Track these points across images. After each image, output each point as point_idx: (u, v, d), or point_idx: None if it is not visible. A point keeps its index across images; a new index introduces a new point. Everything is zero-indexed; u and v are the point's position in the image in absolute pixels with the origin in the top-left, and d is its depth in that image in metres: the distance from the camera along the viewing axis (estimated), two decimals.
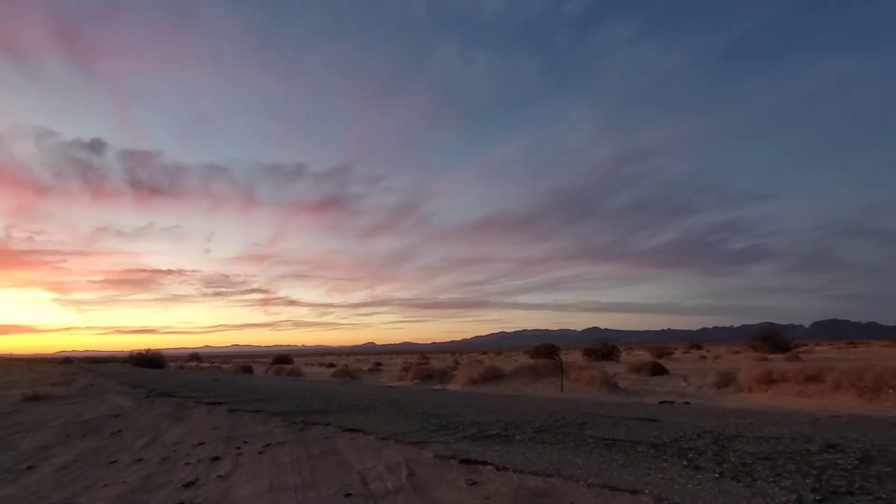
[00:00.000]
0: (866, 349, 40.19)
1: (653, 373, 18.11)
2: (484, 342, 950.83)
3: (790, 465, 4.06)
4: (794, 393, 10.06)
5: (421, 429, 6.54)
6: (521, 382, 14.51)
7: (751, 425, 6.07)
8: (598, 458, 4.58)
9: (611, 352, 32.65)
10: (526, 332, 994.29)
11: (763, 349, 33.62)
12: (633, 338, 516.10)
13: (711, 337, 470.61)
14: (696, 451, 4.67)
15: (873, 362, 11.84)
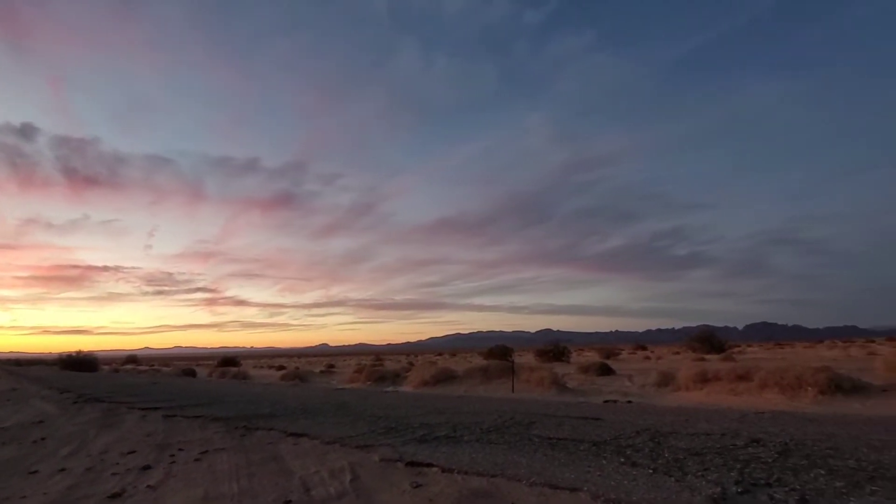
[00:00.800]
0: (791, 350, 43.48)
1: (600, 373, 18.76)
2: (439, 343, 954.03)
3: (718, 460, 4.30)
4: (726, 391, 10.70)
5: (369, 432, 6.44)
6: (473, 383, 14.63)
7: (685, 422, 6.40)
8: (541, 457, 4.67)
9: (562, 353, 33.56)
10: (480, 333, 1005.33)
11: (701, 350, 35.63)
12: (583, 339, 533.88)
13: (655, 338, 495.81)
14: (634, 448, 4.86)
15: (795, 362, 12.81)
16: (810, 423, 6.10)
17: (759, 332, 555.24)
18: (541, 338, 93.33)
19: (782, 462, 4.14)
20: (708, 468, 4.04)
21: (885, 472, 3.72)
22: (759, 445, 4.80)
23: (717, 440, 5.14)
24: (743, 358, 26.94)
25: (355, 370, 22.71)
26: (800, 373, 9.76)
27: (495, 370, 14.67)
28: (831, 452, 4.40)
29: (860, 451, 4.39)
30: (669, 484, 3.65)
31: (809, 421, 6.36)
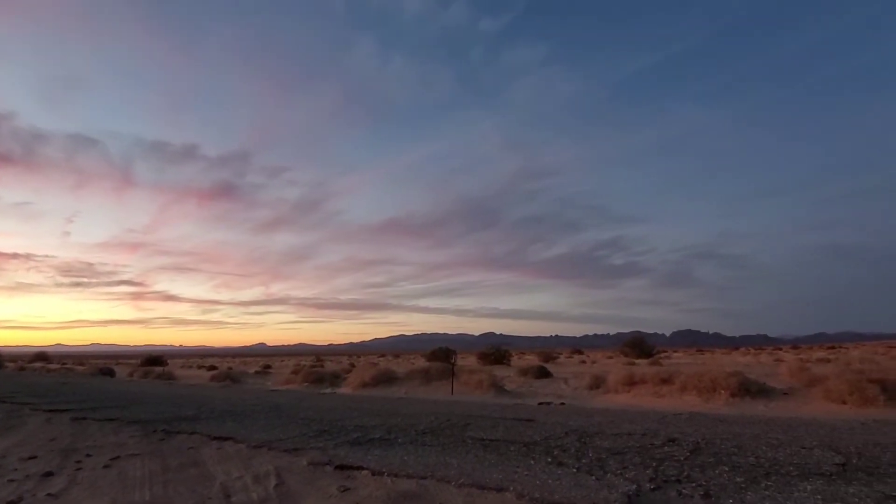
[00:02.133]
0: (710, 356, 46.98)
1: (538, 376, 19.34)
2: (383, 344, 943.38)
3: (636, 459, 4.55)
4: (650, 394, 11.37)
5: (300, 435, 6.25)
6: (413, 385, 14.60)
7: (611, 423, 6.72)
8: (473, 458, 4.74)
9: (503, 356, 34.25)
10: (425, 335, 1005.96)
11: (632, 355, 37.69)
12: (525, 343, 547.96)
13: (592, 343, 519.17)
14: (562, 449, 5.04)
15: (712, 367, 13.83)
16: (720, 424, 6.60)
17: (684, 338, 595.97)
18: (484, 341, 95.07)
19: (693, 460, 4.45)
20: (627, 466, 4.27)
21: (779, 469, 4.09)
22: (675, 444, 5.13)
23: (638, 440, 5.44)
24: (668, 363, 28.74)
25: (293, 371, 21.99)
26: (715, 377, 10.54)
27: (436, 372, 14.72)
28: (735, 450, 4.78)
29: (760, 449, 4.80)
30: (590, 482, 3.81)
31: (720, 421, 6.88)
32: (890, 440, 5.11)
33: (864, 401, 8.33)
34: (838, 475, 3.84)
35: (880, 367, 10.64)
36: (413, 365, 22.80)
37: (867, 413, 7.80)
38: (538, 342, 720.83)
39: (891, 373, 9.05)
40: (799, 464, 4.21)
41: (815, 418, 7.35)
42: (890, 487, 3.48)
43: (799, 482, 3.68)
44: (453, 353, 35.87)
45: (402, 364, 34.10)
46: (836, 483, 3.64)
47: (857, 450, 4.66)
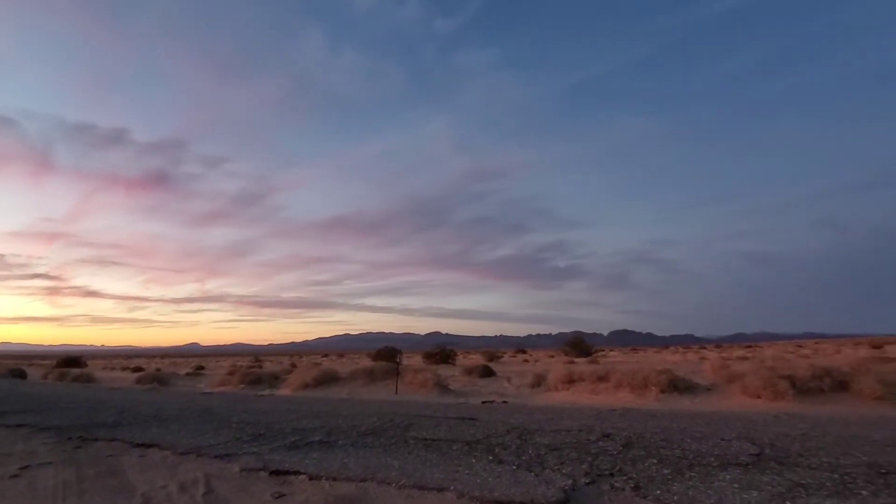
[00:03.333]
0: (644, 355, 49.76)
1: (482, 375, 19.60)
2: (326, 344, 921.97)
3: (573, 454, 4.69)
4: (588, 391, 11.82)
5: (233, 440, 5.93)
6: (356, 385, 14.31)
7: (550, 420, 6.90)
8: (415, 459, 4.69)
9: (448, 355, 34.48)
10: (370, 334, 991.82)
11: (572, 354, 39.20)
12: (470, 342, 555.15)
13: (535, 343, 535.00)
14: (503, 446, 5.11)
15: (645, 365, 14.60)
16: (651, 419, 6.96)
17: (620, 338, 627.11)
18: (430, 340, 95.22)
19: (625, 454, 4.65)
20: (564, 462, 4.38)
21: (701, 460, 4.36)
22: (609, 439, 5.34)
23: (575, 436, 5.61)
24: (605, 361, 30.10)
25: (228, 372, 20.92)
26: (647, 375, 11.12)
27: (381, 372, 14.53)
28: (664, 444, 5.05)
29: (685, 442, 5.10)
30: (529, 479, 3.88)
31: (651, 416, 7.26)
32: (798, 432, 5.60)
33: (776, 395, 9.10)
34: (753, 465, 4.14)
35: (790, 365, 11.66)
36: (357, 365, 22.39)
37: (779, 406, 8.52)
38: (483, 342, 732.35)
39: (799, 370, 9.95)
40: (719, 455, 4.50)
41: (734, 412, 7.94)
42: (798, 475, 3.79)
43: (719, 472, 3.94)
44: (399, 352, 35.69)
45: (346, 364, 33.44)
46: (751, 472, 3.92)
47: (770, 441, 5.06)
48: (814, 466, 4.01)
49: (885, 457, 4.23)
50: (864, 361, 13.78)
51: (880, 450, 4.50)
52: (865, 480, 3.59)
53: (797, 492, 3.40)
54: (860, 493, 3.33)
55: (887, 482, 3.54)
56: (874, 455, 4.30)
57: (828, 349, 41.45)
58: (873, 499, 3.23)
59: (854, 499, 3.24)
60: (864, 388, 8.68)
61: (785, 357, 24.97)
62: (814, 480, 3.63)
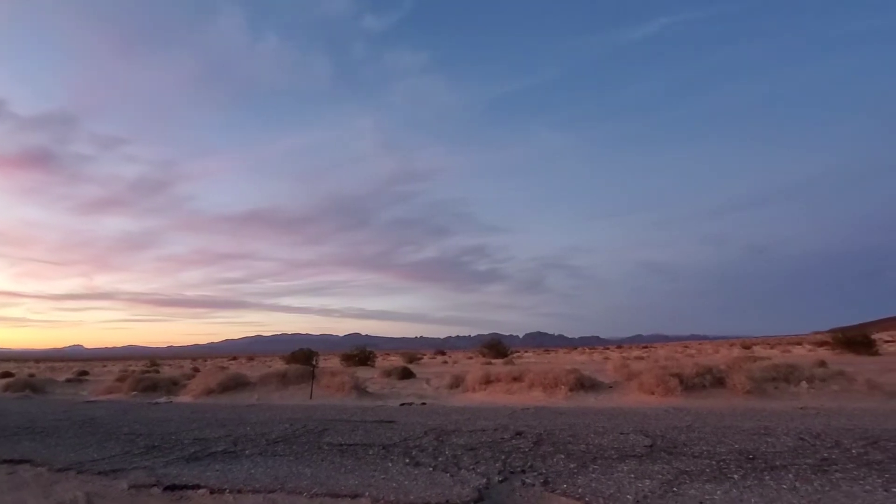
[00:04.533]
0: (555, 356, 52.65)
1: (401, 377, 19.51)
2: (236, 346, 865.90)
3: (488, 453, 4.81)
4: (503, 391, 12.24)
5: (121, 453, 5.34)
6: (268, 390, 13.55)
7: (467, 420, 7.04)
8: (329, 465, 4.53)
9: (367, 357, 33.88)
10: (285, 336, 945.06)
11: (489, 355, 40.38)
12: (390, 344, 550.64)
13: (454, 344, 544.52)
14: (420, 449, 5.11)
15: (555, 365, 15.44)
16: (560, 416, 7.36)
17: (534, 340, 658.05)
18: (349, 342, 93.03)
19: (536, 450, 4.86)
20: (479, 461, 4.49)
21: (603, 453, 4.68)
22: (521, 437, 5.56)
23: (490, 435, 5.77)
24: (520, 362, 31.40)
25: (118, 378, 18.82)
26: (557, 374, 11.77)
27: (294, 375, 13.89)
28: (571, 439, 5.35)
29: (589, 437, 5.45)
30: (445, 480, 3.92)
31: (560, 414, 7.67)
32: (684, 424, 6.22)
33: (667, 391, 10.06)
34: (647, 455, 4.53)
35: (679, 364, 12.98)
36: (269, 368, 21.24)
37: (669, 402, 9.43)
38: (403, 343, 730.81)
39: (686, 368, 11.09)
40: (618, 448, 4.87)
41: (632, 408, 8.65)
42: (683, 464, 4.21)
43: (618, 464, 4.26)
44: (315, 354, 34.42)
45: (256, 368, 31.61)
46: (645, 462, 4.29)
47: (661, 433, 5.57)
48: (696, 455, 4.48)
49: (753, 444, 4.84)
50: (737, 360, 15.68)
51: (749, 438, 5.14)
52: (737, 465, 4.08)
53: (682, 478, 3.77)
54: (732, 477, 3.77)
55: (754, 466, 4.04)
56: (744, 443, 4.90)
57: (709, 349, 46.84)
58: (742, 481, 3.67)
59: (728, 482, 3.66)
60: (736, 383, 9.88)
61: (675, 357, 27.81)
62: (696, 467, 4.05)
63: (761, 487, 3.51)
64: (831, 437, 5.00)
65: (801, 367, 11.03)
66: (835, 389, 9.73)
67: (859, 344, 26.26)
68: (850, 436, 5.06)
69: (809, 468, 3.92)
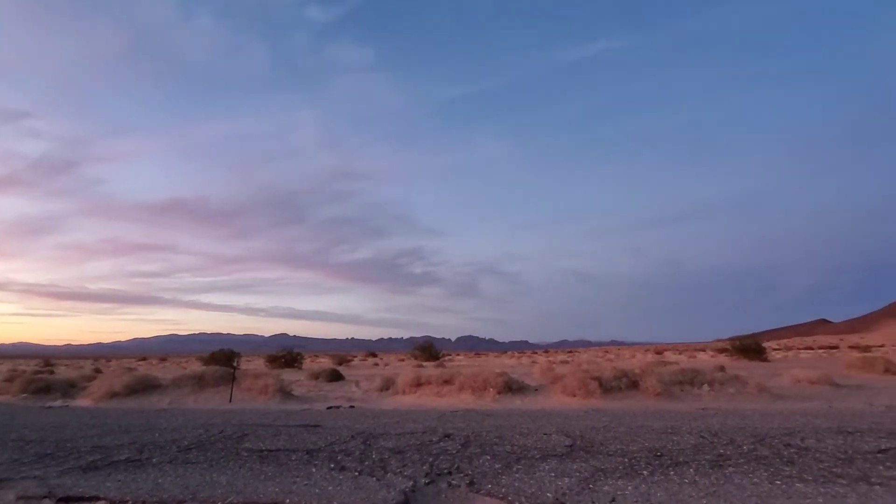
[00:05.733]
0: (486, 359, 53.76)
1: (330, 379, 18.97)
2: (146, 346, 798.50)
3: (415, 456, 4.80)
4: (433, 394, 12.29)
5: (9, 461, 4.74)
6: (181, 394, 12.60)
7: (396, 423, 6.99)
8: (247, 472, 4.30)
9: (294, 359, 32.61)
10: (204, 335, 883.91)
11: (421, 358, 40.45)
12: (320, 346, 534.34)
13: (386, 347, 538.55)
14: (346, 453, 4.99)
15: (485, 368, 15.77)
16: (488, 418, 7.52)
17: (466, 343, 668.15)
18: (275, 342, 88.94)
19: (463, 452, 4.93)
20: (406, 464, 4.46)
21: (527, 453, 4.84)
22: (449, 439, 5.61)
23: (419, 438, 5.77)
24: (451, 365, 31.73)
25: (6, 378, 16.70)
26: (486, 377, 12.02)
27: (212, 378, 13.04)
28: (497, 441, 5.49)
29: (514, 438, 5.62)
30: (371, 484, 3.85)
31: (488, 416, 7.84)
32: (602, 424, 6.60)
33: (587, 394, 10.62)
34: (567, 455, 4.75)
35: (599, 367, 13.78)
36: (184, 370, 19.80)
37: (589, 403, 9.95)
38: (334, 345, 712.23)
39: (605, 372, 11.78)
40: (541, 448, 5.06)
41: (555, 409, 9.04)
42: (600, 462, 4.45)
43: (540, 463, 4.42)
44: (236, 355, 32.59)
45: (169, 369, 29.40)
46: (565, 461, 4.49)
47: (581, 433, 5.87)
48: (611, 453, 4.76)
49: (661, 442, 5.23)
50: (650, 365, 16.91)
51: (657, 437, 5.55)
52: (646, 462, 4.38)
53: (598, 476, 3.99)
54: (642, 473, 4.05)
55: (661, 462, 4.37)
56: (653, 441, 5.29)
57: (626, 355, 50.12)
58: (651, 477, 3.95)
59: (638, 478, 3.92)
60: (648, 386, 10.64)
61: (596, 361, 29.48)
62: (610, 465, 4.31)
63: (667, 482, 3.80)
64: (727, 436, 5.53)
65: (704, 371, 12.11)
66: (731, 392, 10.78)
67: (752, 351, 29.30)
68: (742, 434, 5.62)
69: (707, 463, 4.30)
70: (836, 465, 4.15)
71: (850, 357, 20.79)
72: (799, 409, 8.40)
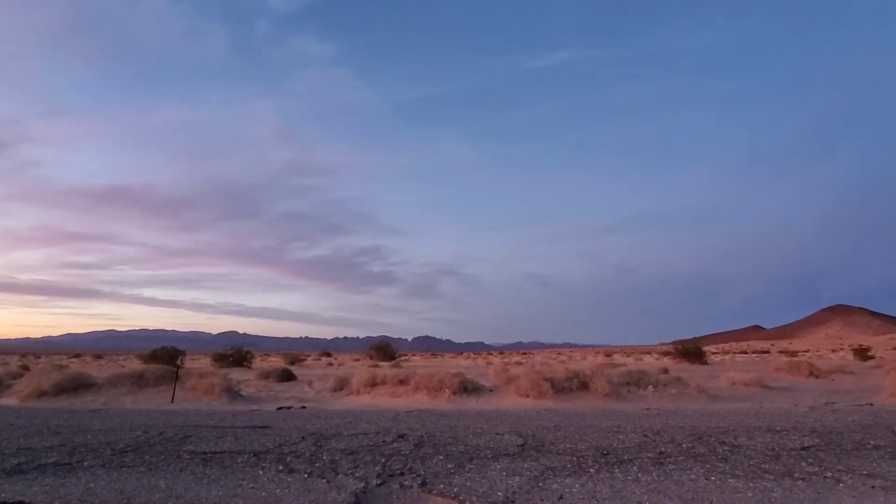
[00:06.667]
0: (442, 360, 53.93)
1: (281, 379, 18.41)
2: (80, 341, 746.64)
3: (368, 457, 4.74)
4: (388, 394, 12.20)
5: None
6: (118, 393, 11.86)
7: (349, 424, 6.88)
8: (188, 476, 4.10)
9: (244, 358, 31.43)
10: (145, 331, 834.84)
11: (377, 357, 40.06)
12: (272, 344, 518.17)
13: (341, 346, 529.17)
14: (296, 454, 4.86)
15: (441, 369, 15.82)
16: (443, 418, 7.54)
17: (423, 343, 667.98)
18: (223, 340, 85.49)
19: (416, 452, 4.92)
20: (358, 465, 4.40)
21: (479, 453, 4.89)
22: (403, 440, 5.58)
23: (372, 438, 5.70)
24: (407, 365, 31.60)
25: None
26: (442, 378, 12.07)
27: (153, 377, 12.36)
28: (451, 441, 5.51)
29: (468, 438, 5.66)
30: (321, 486, 3.77)
31: (442, 416, 7.86)
32: (553, 424, 6.76)
33: (540, 394, 10.87)
34: (518, 454, 4.84)
35: (552, 369, 14.15)
36: (122, 368, 18.65)
37: (542, 404, 10.18)
38: (287, 343, 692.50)
39: (557, 373, 12.11)
40: (494, 447, 5.13)
41: (509, 409, 9.19)
42: (549, 460, 4.56)
43: (492, 463, 4.48)
44: (181, 353, 31.05)
45: (106, 367, 27.66)
46: (516, 460, 4.57)
47: (532, 433, 5.99)
48: (560, 452, 4.89)
49: (608, 441, 5.43)
50: (600, 366, 17.49)
51: (604, 435, 5.75)
52: (594, 460, 4.53)
53: (547, 474, 4.09)
54: (589, 471, 4.18)
55: (607, 460, 4.53)
56: (600, 440, 5.48)
57: (578, 357, 51.73)
58: (597, 474, 4.09)
59: (585, 476, 4.05)
60: (598, 387, 11.03)
61: (549, 363, 30.24)
62: (559, 464, 4.42)
63: (611, 479, 3.95)
64: (668, 434, 5.80)
65: (649, 373, 12.69)
66: (673, 393, 11.35)
67: (694, 355, 30.99)
68: (682, 432, 5.92)
69: (650, 461, 4.50)
70: (764, 462, 4.45)
71: (780, 361, 22.41)
72: (733, 409, 8.95)
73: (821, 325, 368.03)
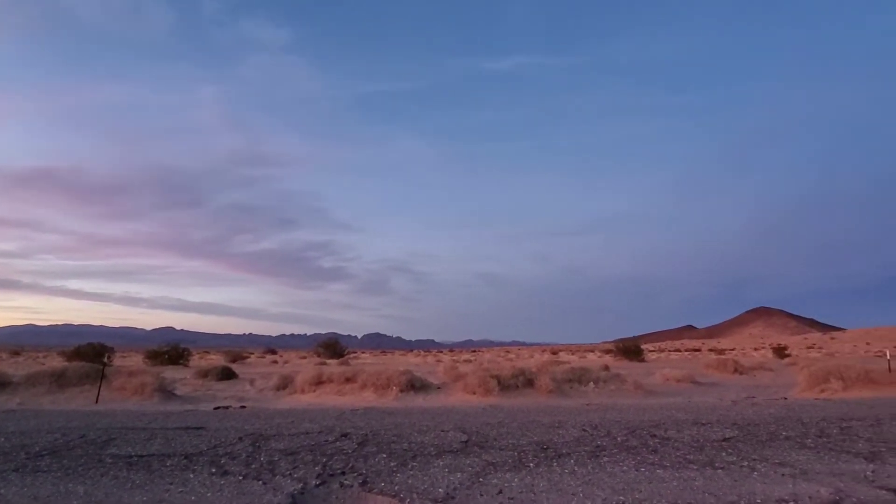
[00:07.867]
0: (391, 357, 53.60)
1: (221, 377, 17.58)
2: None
3: (308, 457, 4.62)
4: (334, 392, 11.96)
5: None
6: (36, 393, 10.88)
7: (291, 423, 6.68)
8: (110, 481, 3.83)
9: (180, 355, 29.75)
10: (69, 326, 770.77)
11: (325, 355, 39.16)
12: (212, 341, 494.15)
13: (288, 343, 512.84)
14: (231, 456, 4.66)
15: (390, 367, 15.71)
16: (388, 416, 7.48)
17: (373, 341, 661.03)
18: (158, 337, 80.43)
19: (359, 451, 4.85)
20: (297, 466, 4.28)
21: (423, 450, 4.90)
22: (346, 439, 5.49)
23: (314, 438, 5.57)
24: (355, 363, 31.14)
25: None
26: (390, 375, 11.98)
27: (76, 375, 11.45)
28: (395, 439, 5.48)
29: (412, 436, 5.65)
30: (256, 488, 3.64)
31: (388, 414, 7.80)
32: (497, 420, 6.88)
33: (486, 391, 11.04)
34: (462, 450, 4.88)
35: (499, 367, 14.42)
36: (42, 366, 17.15)
37: (488, 401, 10.35)
38: (227, 340, 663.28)
39: (504, 370, 12.35)
40: (438, 444, 5.15)
41: (455, 406, 9.27)
42: (492, 456, 4.64)
43: (436, 459, 4.50)
44: (108, 350, 28.97)
45: (24, 364, 25.38)
46: (459, 457, 4.61)
47: (477, 429, 6.07)
48: (502, 447, 4.99)
49: (548, 436, 5.59)
50: (545, 364, 18.01)
51: (546, 431, 5.93)
52: (534, 455, 4.66)
53: (489, 469, 4.16)
54: (528, 466, 4.29)
55: (547, 455, 4.67)
56: (542, 435, 5.64)
57: (525, 354, 53.02)
58: (536, 469, 4.20)
59: (524, 470, 4.15)
60: (542, 384, 11.34)
61: (497, 360, 30.78)
62: (501, 459, 4.51)
63: (549, 473, 4.07)
64: (605, 428, 6.07)
65: (591, 370, 13.20)
66: (612, 389, 11.87)
67: (633, 352, 32.59)
68: (617, 427, 6.20)
69: (586, 454, 4.68)
70: (689, 453, 4.74)
71: (709, 359, 24.05)
72: (666, 403, 9.49)
73: (746, 325, 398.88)
